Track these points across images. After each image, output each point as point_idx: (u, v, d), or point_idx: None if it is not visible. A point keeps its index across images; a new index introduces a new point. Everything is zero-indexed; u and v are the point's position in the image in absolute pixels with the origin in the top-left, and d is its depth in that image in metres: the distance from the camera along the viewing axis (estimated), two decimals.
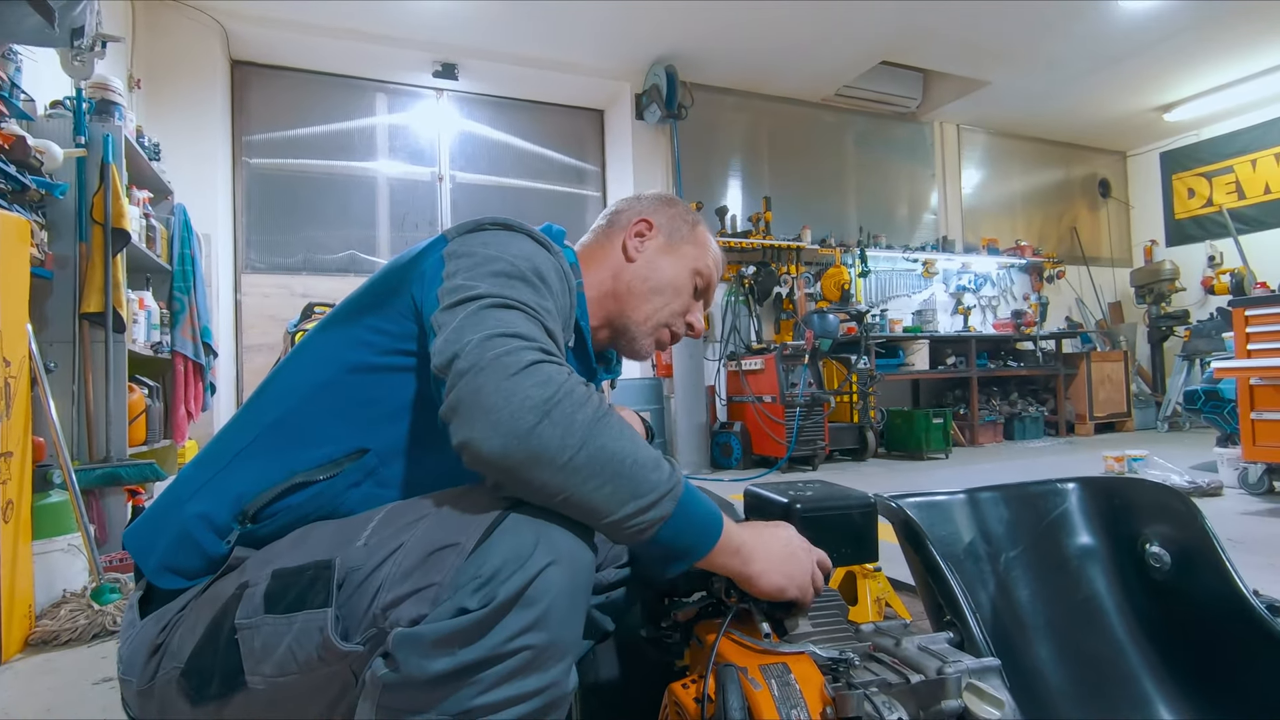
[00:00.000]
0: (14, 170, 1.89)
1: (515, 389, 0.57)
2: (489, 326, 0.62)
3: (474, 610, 0.54)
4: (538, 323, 0.66)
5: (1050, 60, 5.32)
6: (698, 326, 1.01)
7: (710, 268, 1.00)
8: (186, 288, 3.10)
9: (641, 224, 0.98)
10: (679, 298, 0.97)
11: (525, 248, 0.74)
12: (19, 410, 1.58)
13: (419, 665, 0.54)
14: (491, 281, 0.67)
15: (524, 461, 0.57)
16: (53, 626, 1.61)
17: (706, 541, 0.67)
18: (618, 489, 0.60)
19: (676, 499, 0.63)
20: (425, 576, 0.57)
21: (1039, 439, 5.87)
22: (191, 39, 4.09)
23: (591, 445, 0.58)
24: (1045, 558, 1.07)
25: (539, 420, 0.57)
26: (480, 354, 0.59)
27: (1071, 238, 7.29)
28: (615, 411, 0.65)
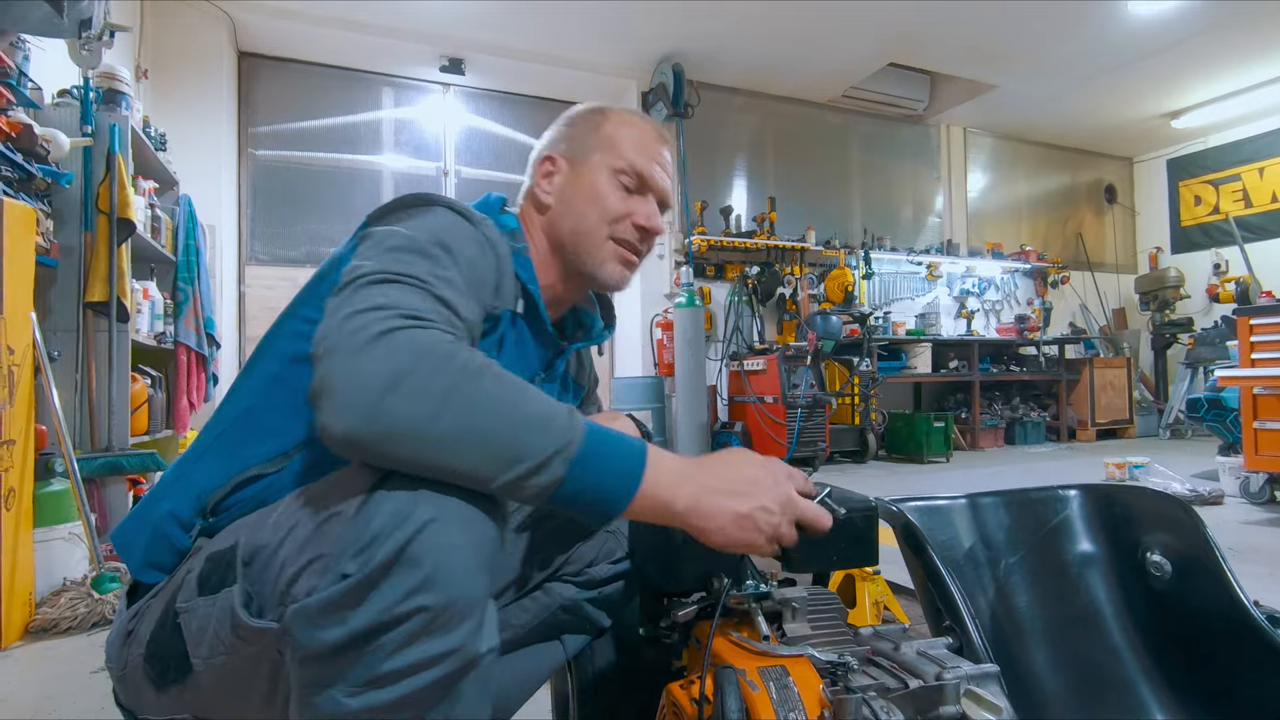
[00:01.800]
0: (20, 159, 1.89)
1: (360, 364, 0.54)
2: (353, 304, 0.59)
3: (353, 574, 0.53)
4: (422, 292, 0.63)
5: (1058, 65, 5.31)
6: (651, 224, 0.89)
7: (631, 158, 0.88)
8: (190, 278, 3.10)
9: (545, 164, 0.91)
10: (607, 201, 0.87)
11: (435, 220, 0.72)
12: (22, 398, 1.59)
13: (313, 637, 0.53)
14: (381, 258, 0.64)
15: (377, 439, 0.54)
16: (53, 614, 1.62)
17: (617, 500, 0.60)
18: (491, 455, 0.55)
19: (569, 459, 0.57)
20: (316, 548, 0.57)
21: (1040, 444, 5.86)
22: (199, 30, 4.10)
23: (451, 413, 0.54)
24: (1045, 564, 1.07)
25: (384, 394, 0.53)
26: (334, 334, 0.56)
27: (1076, 243, 7.27)
28: (493, 367, 0.59)
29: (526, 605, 0.91)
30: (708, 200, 5.37)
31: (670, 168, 0.92)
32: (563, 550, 0.91)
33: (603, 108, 0.93)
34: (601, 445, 0.60)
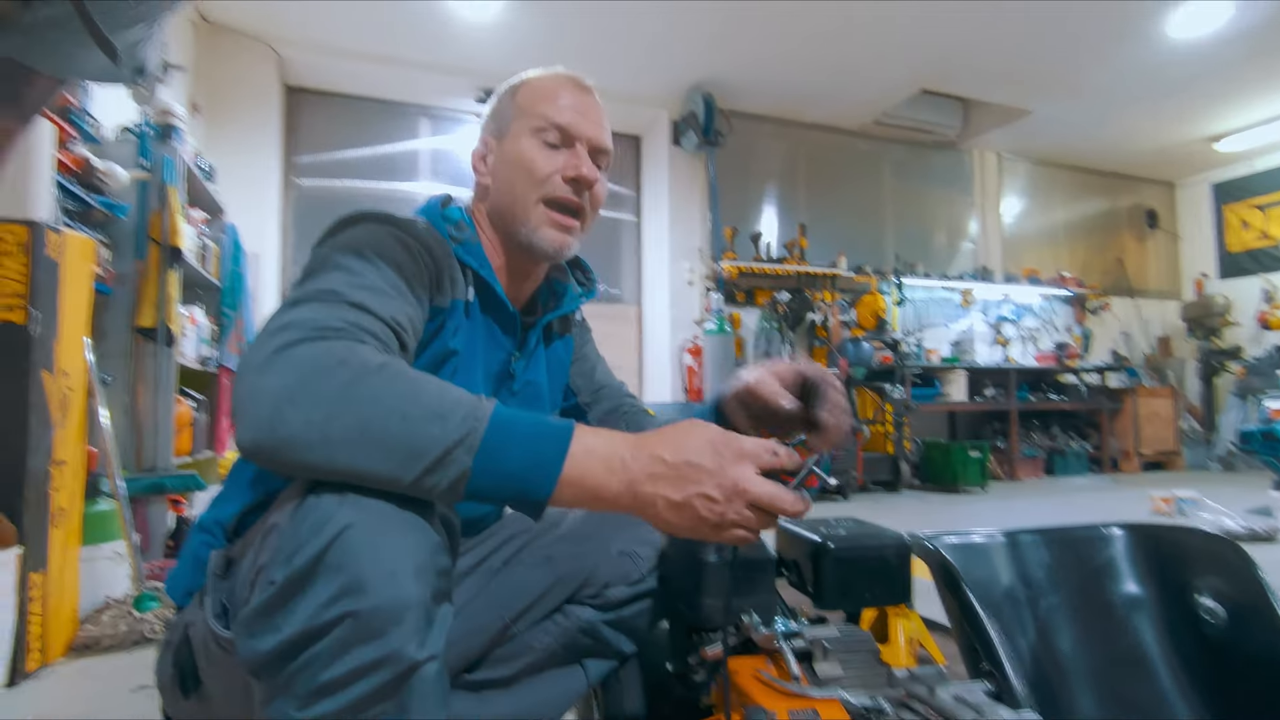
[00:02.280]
0: (81, 192, 1.99)
1: (259, 382, 0.55)
2: (265, 329, 0.60)
3: (278, 581, 0.53)
4: (332, 303, 0.63)
5: (1094, 90, 5.24)
6: (580, 173, 0.85)
7: (546, 112, 0.86)
8: (234, 304, 3.21)
9: (478, 150, 0.92)
10: (533, 164, 0.85)
11: (356, 234, 0.73)
12: (74, 421, 1.65)
13: (250, 646, 0.54)
14: (301, 285, 0.66)
15: (277, 448, 0.54)
16: (95, 632, 1.66)
17: (540, 489, 0.57)
18: (389, 454, 0.54)
19: (472, 450, 0.55)
20: (260, 559, 0.57)
21: (1082, 475, 5.68)
22: (249, 66, 4.28)
23: (344, 415, 0.54)
24: (1089, 606, 1.03)
25: (279, 405, 0.54)
26: (243, 358, 0.59)
27: (1117, 269, 7.10)
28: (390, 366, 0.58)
29: (547, 628, 0.90)
30: (738, 227, 5.38)
31: (596, 112, 0.89)
32: (580, 572, 0.91)
33: (520, 78, 0.92)
34: (511, 433, 0.57)
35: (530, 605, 0.91)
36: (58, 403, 1.55)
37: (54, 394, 1.53)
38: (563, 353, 1.02)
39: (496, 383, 0.90)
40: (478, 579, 0.92)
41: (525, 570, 0.92)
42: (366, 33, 4.32)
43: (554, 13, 4.17)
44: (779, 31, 4.40)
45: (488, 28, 4.26)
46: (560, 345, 1.01)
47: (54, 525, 1.54)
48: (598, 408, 1.07)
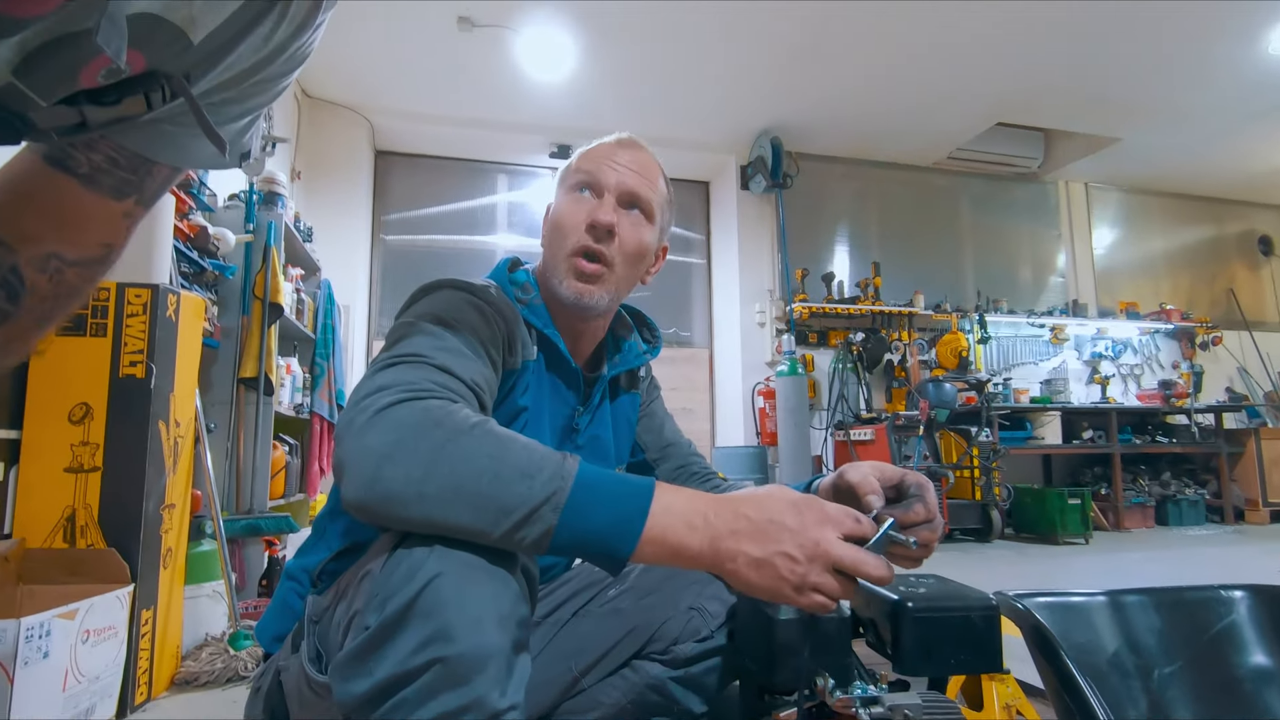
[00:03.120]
0: (196, 256, 2.19)
1: (361, 442, 0.59)
2: (361, 391, 0.64)
3: (372, 626, 0.56)
4: (420, 365, 0.67)
5: (1190, 114, 4.96)
6: (594, 218, 0.87)
7: (581, 167, 0.91)
8: (326, 354, 3.41)
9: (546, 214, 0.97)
10: (564, 221, 0.89)
11: (434, 302, 0.78)
12: (183, 467, 1.78)
13: (345, 689, 0.56)
14: (389, 349, 0.71)
15: (380, 504, 0.58)
16: (195, 668, 1.75)
17: (623, 545, 0.58)
18: (481, 510, 0.57)
19: (558, 507, 0.57)
20: (356, 604, 0.61)
21: (1199, 526, 5.18)
22: (344, 134, 4.64)
23: (439, 473, 0.57)
24: (1210, 678, 0.93)
25: (381, 463, 0.58)
26: (344, 419, 0.63)
27: (1228, 300, 6.58)
28: (482, 426, 0.61)
29: (615, 683, 0.90)
30: (809, 267, 5.33)
31: (634, 164, 0.90)
32: (649, 627, 0.90)
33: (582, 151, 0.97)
34: (596, 490, 0.59)
35: (599, 659, 0.90)
36: (170, 450, 1.68)
37: (168, 443, 1.66)
38: (629, 409, 1.03)
39: (561, 437, 0.92)
40: (547, 629, 0.92)
41: (594, 623, 0.92)
42: (448, 98, 4.62)
43: (622, 69, 4.34)
44: (844, 74, 4.41)
45: (560, 86, 4.47)
46: (626, 401, 1.02)
47: (164, 565, 1.65)
48: (665, 465, 1.07)
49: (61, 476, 1.51)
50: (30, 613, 1.17)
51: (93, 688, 1.34)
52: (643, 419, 1.07)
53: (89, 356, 1.56)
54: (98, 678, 1.36)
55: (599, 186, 0.90)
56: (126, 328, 1.59)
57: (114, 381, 1.56)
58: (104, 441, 1.54)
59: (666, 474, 1.06)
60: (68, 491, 1.51)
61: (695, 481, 1.05)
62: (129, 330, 1.59)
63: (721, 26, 3.91)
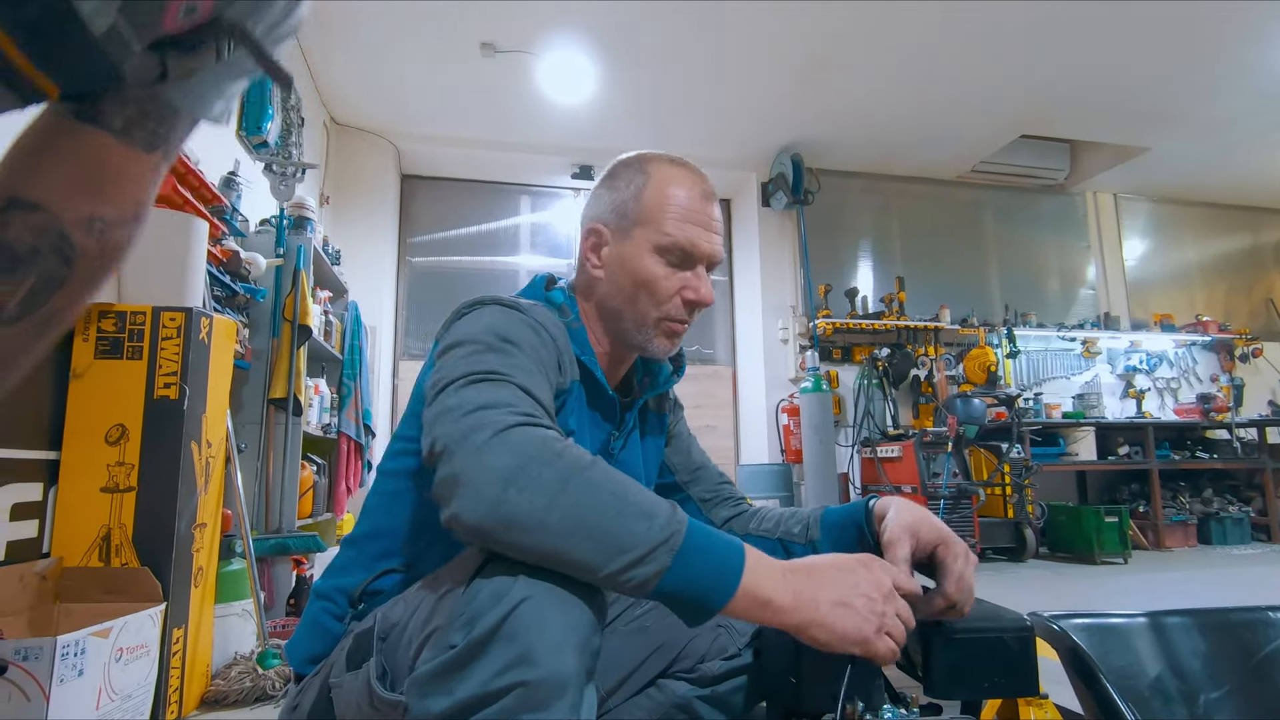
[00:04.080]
0: (229, 280, 2.24)
1: (482, 461, 0.59)
2: (460, 406, 0.64)
3: (458, 645, 0.56)
4: (507, 384, 0.68)
5: (1220, 121, 4.87)
6: (699, 298, 0.88)
7: (675, 232, 0.86)
8: (353, 374, 3.46)
9: (590, 236, 0.91)
10: (656, 285, 0.87)
11: (488, 318, 0.77)
12: (214, 486, 1.81)
13: (423, 706, 0.57)
14: (458, 364, 0.70)
15: (499, 528, 0.58)
16: (224, 687, 1.77)
17: (718, 595, 0.60)
18: (598, 545, 0.57)
19: (673, 550, 0.58)
20: (434, 622, 0.62)
21: (1244, 544, 5.00)
22: (371, 159, 4.75)
23: (563, 504, 0.58)
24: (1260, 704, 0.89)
25: (505, 487, 0.58)
26: (452, 435, 0.62)
27: (1268, 311, 6.39)
28: (599, 463, 0.62)
29: (640, 702, 0.89)
30: (832, 283, 5.30)
31: (717, 222, 0.90)
32: (675, 645, 0.89)
33: (644, 161, 0.91)
34: (704, 540, 0.61)
35: (625, 678, 0.89)
36: (202, 470, 1.71)
37: (200, 463, 1.70)
38: (657, 431, 1.03)
39: None
40: None
41: (620, 640, 0.91)
42: (472, 122, 4.71)
43: (642, 90, 4.39)
44: (864, 89, 4.41)
45: (581, 108, 4.53)
46: (654, 422, 1.02)
47: (195, 584, 1.68)
48: (696, 488, 1.07)
49: (98, 496, 1.54)
50: (66, 631, 1.20)
51: (125, 706, 1.36)
52: (671, 440, 1.07)
53: (125, 379, 1.60)
54: (130, 696, 1.38)
55: (695, 258, 0.88)
56: (161, 350, 1.63)
57: (149, 403, 1.60)
58: (139, 462, 1.57)
59: (698, 497, 1.06)
60: (104, 511, 1.54)
61: (727, 507, 1.05)
62: (163, 353, 1.63)
63: (740, 45, 3.94)
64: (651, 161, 0.90)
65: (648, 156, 0.92)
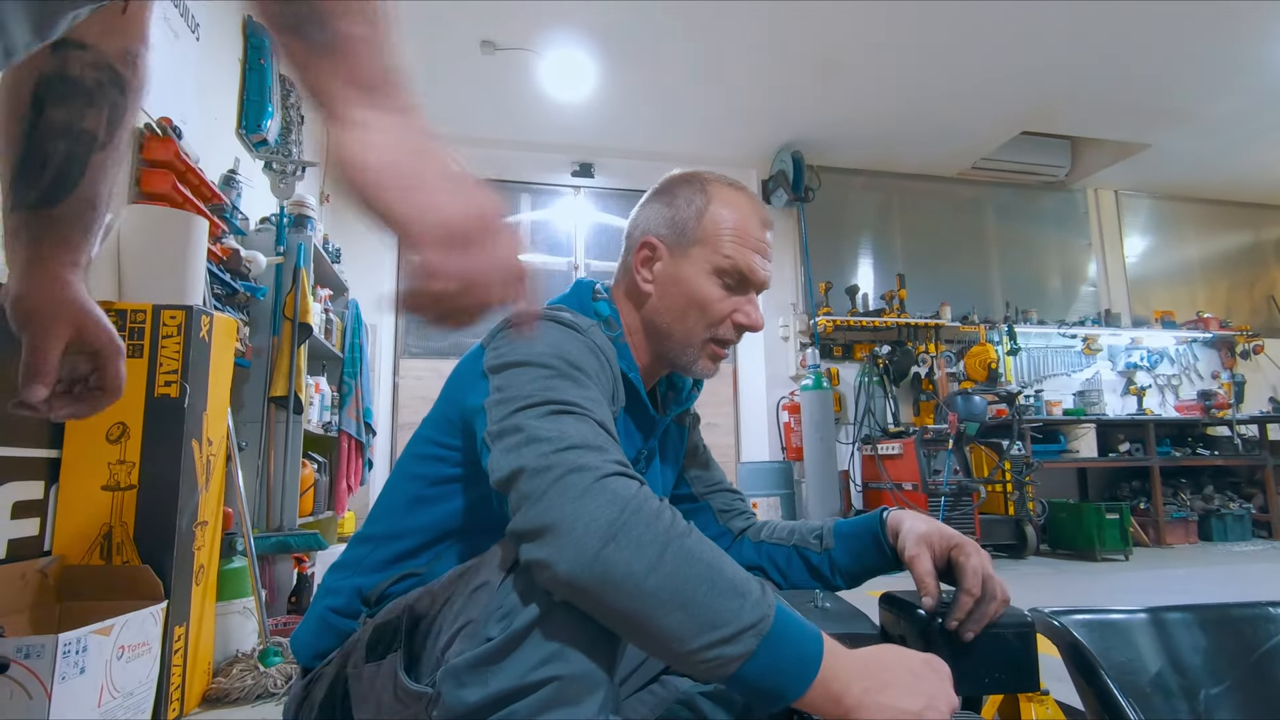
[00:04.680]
0: (229, 278, 2.24)
1: (581, 510, 0.56)
2: (547, 440, 0.61)
3: (495, 638, 0.57)
4: (589, 420, 0.65)
5: (1220, 117, 4.86)
6: (751, 323, 0.88)
7: (734, 255, 0.85)
8: (354, 373, 3.46)
9: (644, 249, 0.90)
10: (710, 307, 0.86)
11: (551, 337, 0.73)
12: (215, 484, 1.81)
13: (457, 697, 0.57)
14: (530, 386, 0.67)
15: (593, 585, 0.54)
16: (225, 684, 1.77)
17: (797, 686, 0.56)
18: (690, 617, 0.54)
19: (762, 634, 0.55)
20: (467, 614, 0.61)
21: (1245, 541, 5.00)
22: None
23: (663, 568, 0.55)
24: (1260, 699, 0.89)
25: (605, 543, 0.55)
26: (544, 473, 0.58)
27: (1269, 307, 6.38)
28: (694, 529, 0.59)
29: (644, 698, 0.89)
30: (832, 280, 5.30)
31: (770, 250, 0.91)
32: None
33: (704, 181, 0.90)
34: (789, 625, 0.57)
35: (628, 675, 0.90)
36: (203, 468, 1.71)
37: (201, 461, 1.70)
38: (677, 444, 1.03)
39: None
40: None
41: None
42: (472, 120, 4.71)
43: (642, 87, 4.38)
44: (864, 86, 4.41)
45: (582, 106, 4.53)
46: (675, 435, 1.02)
47: (196, 582, 1.68)
48: (715, 501, 1.07)
49: (99, 494, 1.55)
50: (68, 629, 1.20)
51: (127, 703, 1.36)
52: (689, 454, 1.07)
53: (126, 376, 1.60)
54: (132, 694, 1.38)
55: (751, 283, 0.88)
56: (162, 348, 1.63)
57: (150, 401, 1.60)
58: (140, 460, 1.57)
59: (717, 509, 1.07)
60: (105, 509, 1.54)
61: (742, 519, 1.05)
62: (164, 351, 1.63)
63: (740, 42, 3.94)
64: (712, 183, 0.90)
65: (707, 177, 0.91)
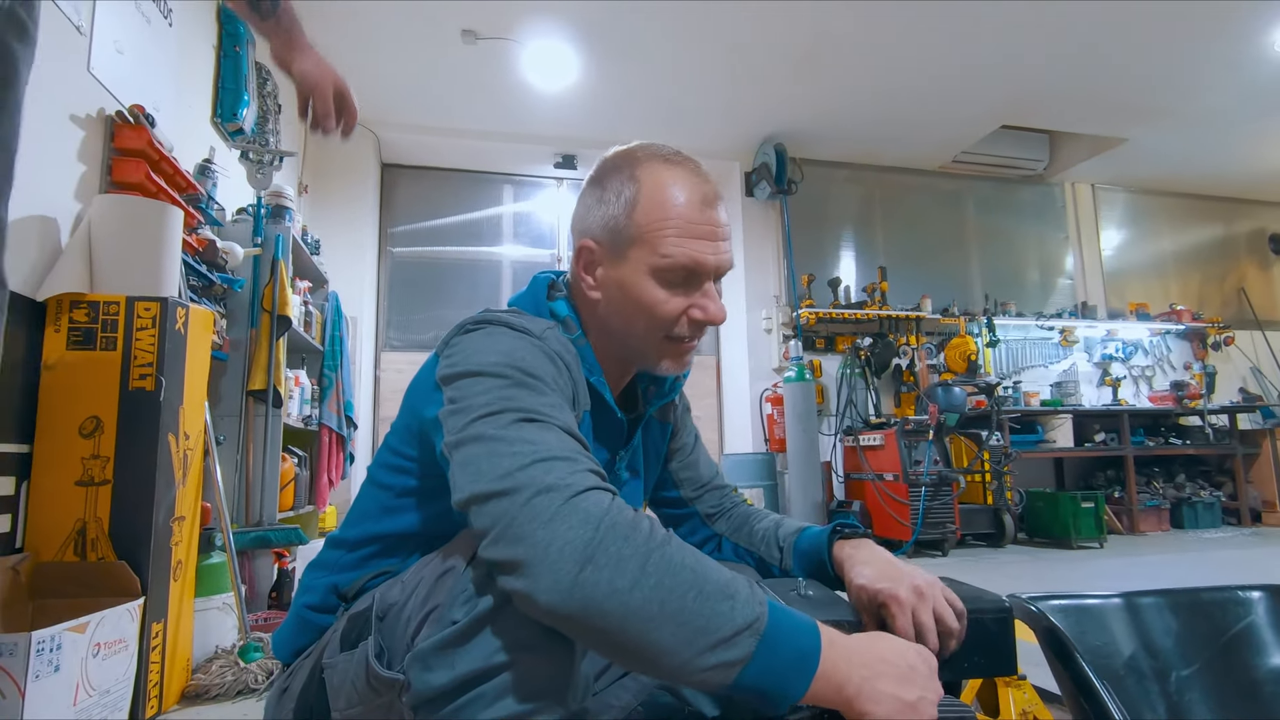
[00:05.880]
0: (205, 269, 2.20)
1: (554, 536, 0.53)
2: (509, 455, 0.58)
3: (460, 620, 0.57)
4: (552, 426, 0.62)
5: (1196, 113, 4.94)
6: (707, 316, 0.79)
7: (673, 251, 0.75)
8: (334, 365, 3.42)
9: (583, 252, 0.82)
10: (657, 309, 0.78)
11: (504, 344, 0.70)
12: (193, 479, 1.79)
13: (424, 680, 0.57)
14: (486, 396, 0.64)
15: (578, 611, 0.52)
16: (205, 681, 1.75)
17: (800, 683, 0.54)
18: (682, 628, 0.52)
19: (759, 633, 0.53)
20: (434, 600, 0.62)
21: (1215, 528, 5.12)
22: (351, 148, 4.67)
23: (647, 581, 0.52)
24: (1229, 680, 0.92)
25: (583, 566, 0.52)
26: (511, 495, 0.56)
27: (1239, 300, 6.52)
28: (673, 536, 0.57)
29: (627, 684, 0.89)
30: (815, 273, 5.33)
31: (723, 228, 0.80)
32: None
33: (634, 164, 0.80)
34: (783, 620, 0.55)
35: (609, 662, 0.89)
36: (180, 463, 1.69)
37: (177, 455, 1.67)
38: (659, 441, 1.00)
39: None
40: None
41: None
42: (454, 110, 4.65)
43: (625, 78, 4.36)
44: (847, 79, 4.42)
45: (564, 97, 4.49)
46: (657, 431, 0.99)
47: (174, 578, 1.66)
48: (702, 504, 1.05)
49: (72, 490, 1.52)
50: (41, 626, 1.18)
51: (103, 701, 1.34)
52: (675, 452, 1.04)
53: (99, 370, 1.57)
54: (108, 691, 1.36)
55: (700, 275, 0.78)
56: (136, 341, 1.60)
57: (124, 394, 1.57)
58: (114, 454, 1.55)
59: (704, 513, 1.05)
60: (79, 505, 1.52)
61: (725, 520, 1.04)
62: (138, 343, 1.60)
63: (724, 35, 3.93)
64: (642, 164, 0.79)
65: (637, 157, 0.80)
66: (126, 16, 2.09)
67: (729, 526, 1.02)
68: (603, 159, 0.84)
